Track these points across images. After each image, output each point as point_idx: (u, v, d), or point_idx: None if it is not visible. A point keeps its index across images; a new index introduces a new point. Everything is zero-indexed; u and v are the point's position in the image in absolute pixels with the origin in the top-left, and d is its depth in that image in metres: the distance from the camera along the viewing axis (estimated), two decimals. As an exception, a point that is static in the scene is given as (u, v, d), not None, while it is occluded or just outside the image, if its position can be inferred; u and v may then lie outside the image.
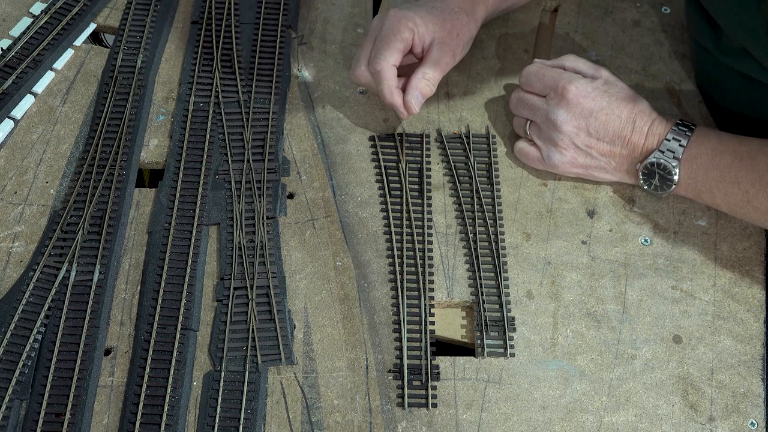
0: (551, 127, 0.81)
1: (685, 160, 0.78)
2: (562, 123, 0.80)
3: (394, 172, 0.85)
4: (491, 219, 0.83)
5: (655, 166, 0.78)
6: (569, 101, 0.79)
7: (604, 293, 0.79)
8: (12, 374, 0.72)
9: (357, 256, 0.80)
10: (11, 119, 0.87)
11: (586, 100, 0.79)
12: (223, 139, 0.86)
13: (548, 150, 0.82)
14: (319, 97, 0.90)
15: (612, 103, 0.79)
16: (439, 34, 0.83)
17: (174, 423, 0.70)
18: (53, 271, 0.77)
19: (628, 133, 0.79)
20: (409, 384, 0.74)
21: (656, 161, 0.78)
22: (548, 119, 0.81)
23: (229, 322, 0.75)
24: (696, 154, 0.77)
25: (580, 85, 0.80)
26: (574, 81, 0.80)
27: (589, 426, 0.73)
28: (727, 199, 0.77)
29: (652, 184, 0.80)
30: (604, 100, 0.79)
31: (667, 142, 0.78)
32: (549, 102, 0.81)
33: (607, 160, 0.81)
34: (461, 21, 0.85)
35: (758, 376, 0.76)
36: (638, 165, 0.80)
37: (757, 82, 0.80)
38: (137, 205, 0.82)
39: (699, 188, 0.78)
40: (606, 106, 0.79)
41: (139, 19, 0.95)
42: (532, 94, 0.83)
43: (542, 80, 0.82)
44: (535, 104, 0.82)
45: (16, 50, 0.90)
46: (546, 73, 0.82)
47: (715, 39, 0.84)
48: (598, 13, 0.98)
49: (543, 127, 0.82)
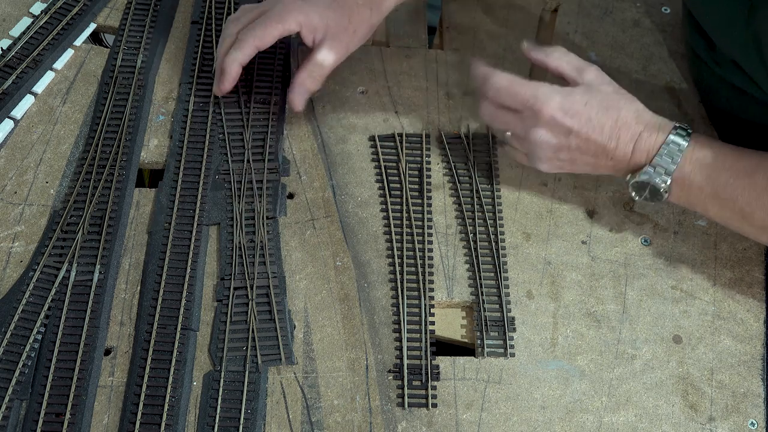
0: (531, 144, 0.77)
1: (678, 178, 0.73)
2: (542, 142, 0.76)
3: (394, 172, 0.85)
4: (491, 219, 0.83)
5: (646, 184, 0.74)
6: (546, 121, 0.74)
7: (604, 293, 0.79)
8: (12, 374, 0.72)
9: (357, 256, 0.80)
10: (11, 119, 0.87)
11: (564, 119, 0.74)
12: (223, 139, 0.86)
13: (532, 159, 0.79)
14: (319, 97, 0.90)
15: (592, 117, 0.74)
16: (333, 30, 0.81)
17: (174, 423, 0.70)
18: (53, 271, 0.77)
19: (612, 147, 0.74)
20: (409, 384, 0.74)
21: (647, 180, 0.74)
22: (527, 138, 0.76)
23: (229, 322, 0.75)
24: (690, 171, 0.73)
25: (556, 104, 0.74)
26: (549, 100, 0.74)
27: (589, 426, 0.73)
28: (722, 213, 0.74)
29: (643, 195, 0.75)
30: (583, 116, 0.74)
31: (659, 158, 0.73)
32: (525, 120, 0.76)
33: (593, 168, 0.78)
34: (362, 15, 0.82)
35: (758, 376, 0.76)
36: (629, 176, 0.76)
37: (749, 94, 0.80)
38: (137, 205, 0.82)
39: (692, 202, 0.75)
40: (585, 123, 0.74)
41: (139, 19, 0.95)
42: (505, 108, 0.77)
43: (514, 98, 0.76)
44: (509, 121, 0.77)
45: (16, 50, 0.90)
46: (518, 91, 0.75)
47: (709, 50, 0.84)
48: (598, 13, 0.98)
49: (523, 142, 0.78)
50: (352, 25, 0.81)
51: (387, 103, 0.90)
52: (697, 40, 0.85)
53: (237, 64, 0.81)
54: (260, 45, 0.80)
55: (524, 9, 0.99)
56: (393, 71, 0.93)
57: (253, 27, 0.80)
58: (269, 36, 0.80)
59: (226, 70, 0.81)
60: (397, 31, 0.96)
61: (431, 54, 0.94)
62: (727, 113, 0.86)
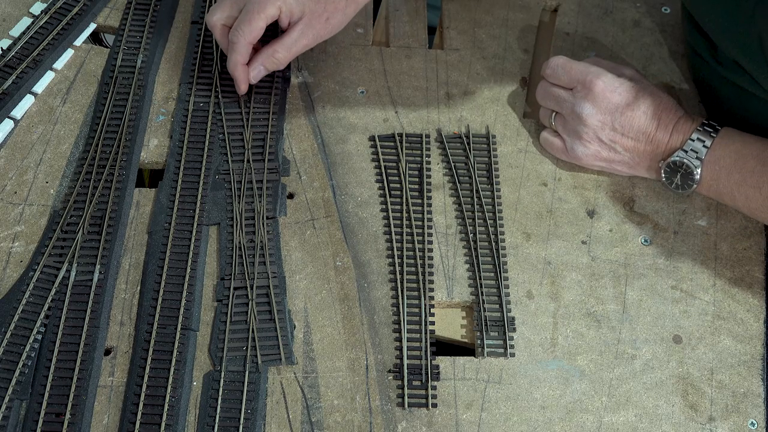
0: (576, 119, 0.81)
1: (708, 162, 0.77)
2: (587, 116, 0.80)
3: (394, 172, 0.85)
4: (491, 219, 0.83)
5: (677, 165, 0.78)
6: (596, 95, 0.79)
7: (604, 293, 0.79)
8: (12, 374, 0.72)
9: (357, 256, 0.80)
10: (11, 119, 0.87)
11: (613, 95, 0.79)
12: (223, 139, 0.86)
13: (572, 142, 0.82)
14: (319, 97, 0.90)
15: (638, 98, 0.79)
16: (309, 15, 0.82)
17: (174, 423, 0.70)
18: (53, 271, 0.77)
19: (652, 129, 0.79)
20: (409, 384, 0.74)
21: (679, 160, 0.78)
22: (574, 112, 0.81)
23: (229, 322, 0.75)
24: (719, 156, 0.77)
25: (607, 80, 0.80)
26: (602, 75, 0.80)
27: (589, 426, 0.73)
28: (748, 203, 0.77)
29: (674, 182, 0.80)
30: (630, 94, 0.79)
31: (691, 141, 0.78)
32: (575, 95, 0.81)
33: (630, 155, 0.81)
34: (338, 5, 0.83)
35: (758, 376, 0.76)
36: (661, 162, 0.80)
37: (750, 93, 0.81)
38: (137, 205, 0.82)
39: (720, 190, 0.78)
40: (632, 102, 0.79)
41: (139, 19, 0.95)
42: (558, 86, 0.83)
43: (569, 73, 0.82)
44: (561, 96, 0.82)
45: (16, 50, 0.90)
46: (573, 66, 0.82)
47: (710, 49, 0.84)
48: (598, 13, 0.98)
49: (568, 119, 0.82)
50: (327, 13, 0.83)
51: (387, 103, 0.90)
52: (698, 40, 0.85)
53: (240, 66, 0.84)
54: (251, 40, 0.82)
55: (524, 9, 0.99)
56: (393, 71, 0.93)
57: (239, 25, 0.82)
58: (256, 29, 0.81)
59: (234, 74, 0.85)
60: (397, 31, 0.97)
61: (431, 54, 0.94)
62: (728, 113, 0.86)
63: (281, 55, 0.84)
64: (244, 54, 0.83)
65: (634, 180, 0.86)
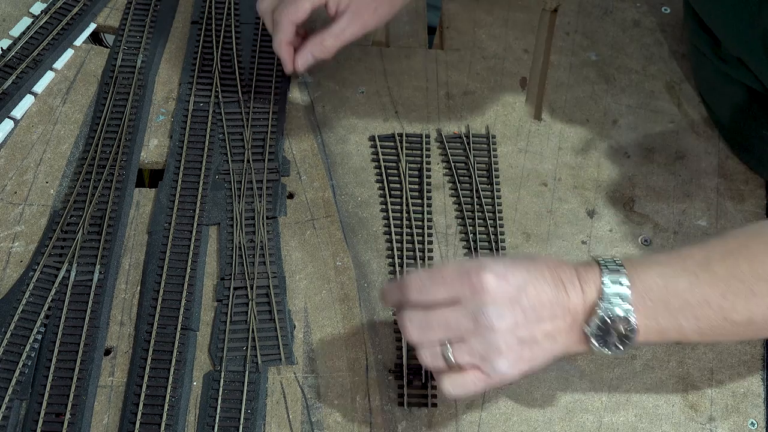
0: (483, 333, 0.62)
1: (637, 300, 0.62)
2: (496, 321, 0.61)
3: (394, 172, 0.85)
4: (491, 219, 0.83)
5: (608, 320, 0.62)
6: (492, 292, 0.61)
7: (604, 293, 0.79)
8: (12, 374, 0.72)
9: (357, 256, 0.80)
10: (11, 119, 0.87)
11: (508, 281, 0.62)
12: (223, 139, 0.86)
13: (491, 362, 0.62)
14: (319, 97, 0.90)
15: (528, 269, 0.63)
16: (356, 4, 0.83)
17: (174, 423, 0.70)
18: (53, 271, 0.77)
19: (563, 295, 0.63)
20: (409, 384, 0.74)
21: (609, 314, 0.62)
22: (478, 325, 0.62)
23: (229, 322, 0.75)
24: (646, 288, 0.62)
25: (490, 267, 0.62)
26: (484, 266, 0.62)
27: (589, 426, 0.73)
28: (698, 324, 0.63)
29: (609, 342, 0.63)
30: (519, 271, 0.63)
31: (607, 288, 0.62)
32: (468, 305, 0.62)
33: (551, 342, 0.64)
34: None
35: (758, 376, 0.76)
36: (585, 328, 0.63)
37: (754, 90, 0.80)
38: (137, 205, 0.82)
39: (662, 325, 0.63)
40: (527, 275, 0.63)
41: (139, 19, 0.95)
42: (435, 309, 0.63)
43: (445, 284, 0.63)
44: (448, 319, 0.62)
45: (16, 50, 0.90)
46: (446, 274, 0.63)
47: (713, 46, 0.84)
48: (598, 13, 0.98)
49: (472, 341, 0.62)
50: (375, 3, 0.83)
51: (387, 103, 0.90)
52: (701, 36, 0.85)
53: (285, 45, 0.84)
54: (295, 20, 0.83)
55: (524, 9, 0.99)
56: (393, 71, 0.93)
57: (284, 5, 0.82)
58: (301, 10, 0.82)
59: (279, 54, 0.85)
60: (397, 31, 0.97)
61: (431, 54, 0.94)
62: (730, 111, 0.86)
63: (329, 42, 0.83)
64: (287, 33, 0.83)
65: (634, 180, 0.86)
